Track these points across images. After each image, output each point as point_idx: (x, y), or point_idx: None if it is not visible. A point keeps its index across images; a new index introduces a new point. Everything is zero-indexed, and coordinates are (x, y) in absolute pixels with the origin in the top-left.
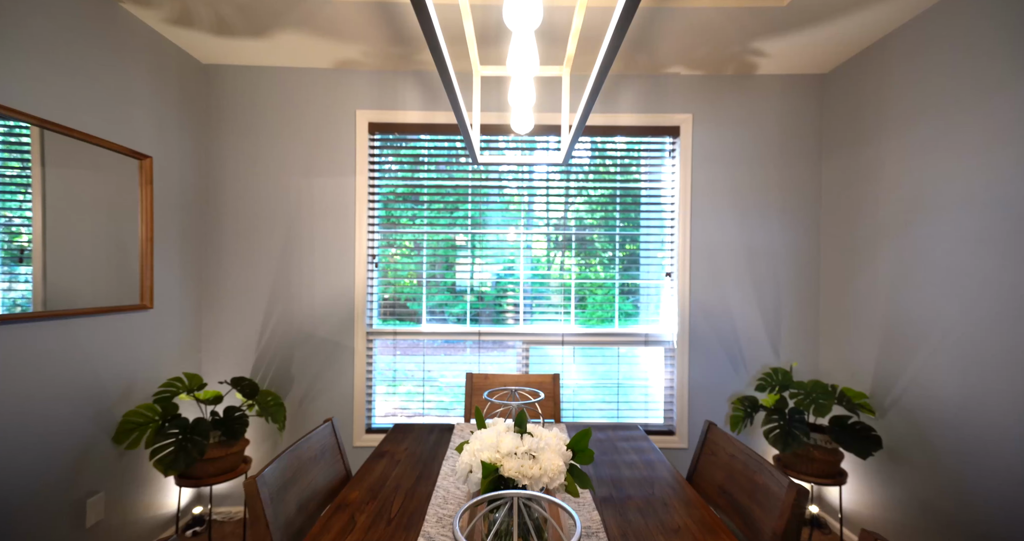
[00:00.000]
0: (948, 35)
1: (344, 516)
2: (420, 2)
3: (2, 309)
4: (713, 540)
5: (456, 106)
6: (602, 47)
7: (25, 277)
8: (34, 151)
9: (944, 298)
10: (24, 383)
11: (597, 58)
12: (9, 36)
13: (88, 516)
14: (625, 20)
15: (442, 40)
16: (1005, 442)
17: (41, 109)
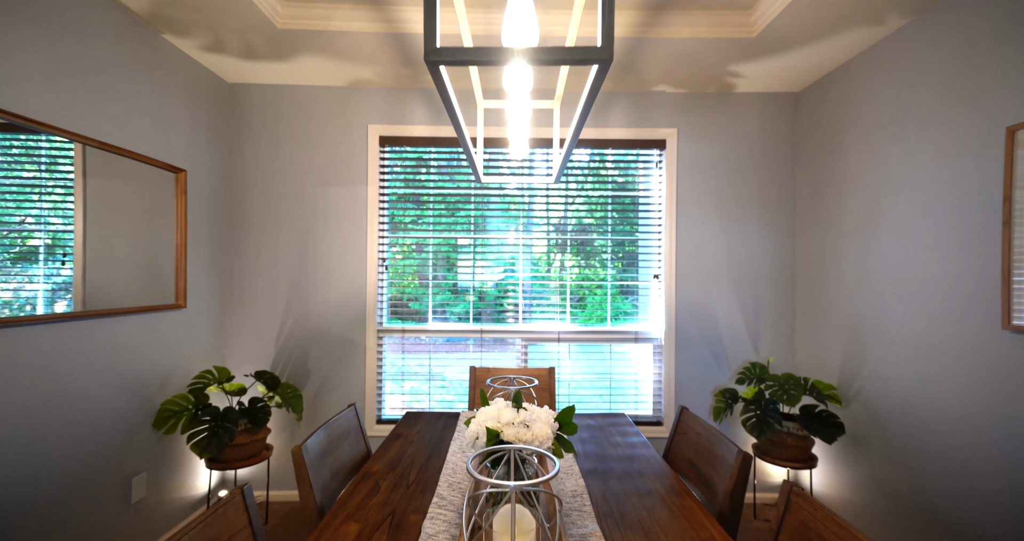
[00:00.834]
0: (898, 64)
1: (369, 482)
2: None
3: (44, 309)
4: (677, 500)
5: (465, 144)
6: (574, 121)
7: (66, 279)
8: (76, 165)
9: (896, 299)
10: (78, 375)
11: (574, 116)
12: (61, 64)
13: (133, 493)
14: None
15: (460, 116)
16: (949, 426)
17: (88, 128)
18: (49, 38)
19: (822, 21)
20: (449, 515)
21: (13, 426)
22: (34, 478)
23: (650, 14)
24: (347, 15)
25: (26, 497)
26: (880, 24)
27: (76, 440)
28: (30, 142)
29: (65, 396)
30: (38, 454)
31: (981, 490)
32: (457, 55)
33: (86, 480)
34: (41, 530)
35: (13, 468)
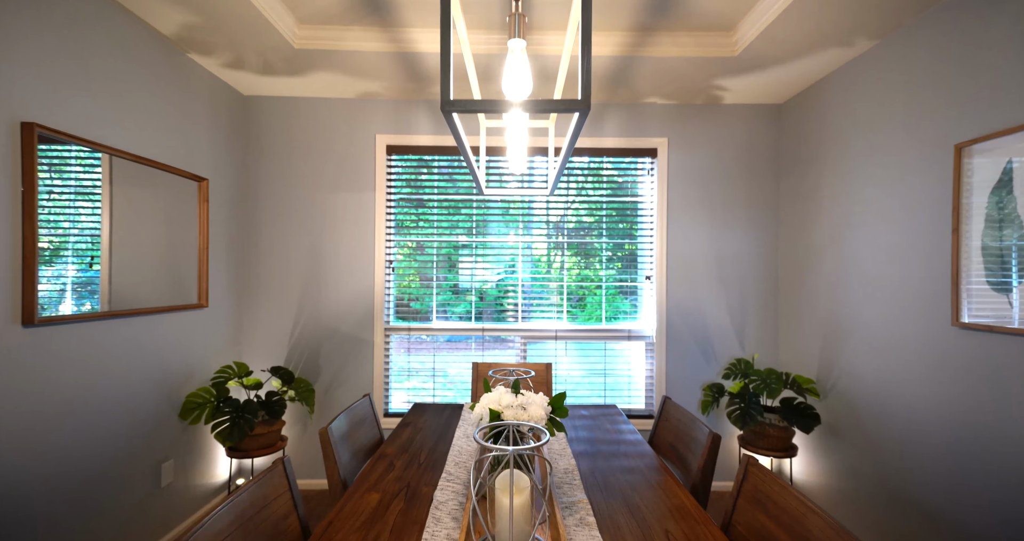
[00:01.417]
0: (865, 83)
1: (385, 462)
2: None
3: (72, 308)
4: (656, 476)
5: (469, 163)
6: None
7: (93, 279)
8: (104, 174)
9: (866, 299)
10: (114, 369)
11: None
12: (98, 83)
13: (163, 478)
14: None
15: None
16: (907, 414)
17: (121, 142)
18: (88, 61)
19: (797, 42)
20: (456, 487)
21: (62, 414)
22: (79, 461)
23: (639, 35)
24: (359, 36)
25: (72, 478)
26: (850, 46)
27: (113, 428)
28: (67, 153)
29: (104, 388)
30: (83, 439)
31: (933, 469)
32: (467, 106)
33: (122, 464)
34: (85, 508)
35: (61, 452)
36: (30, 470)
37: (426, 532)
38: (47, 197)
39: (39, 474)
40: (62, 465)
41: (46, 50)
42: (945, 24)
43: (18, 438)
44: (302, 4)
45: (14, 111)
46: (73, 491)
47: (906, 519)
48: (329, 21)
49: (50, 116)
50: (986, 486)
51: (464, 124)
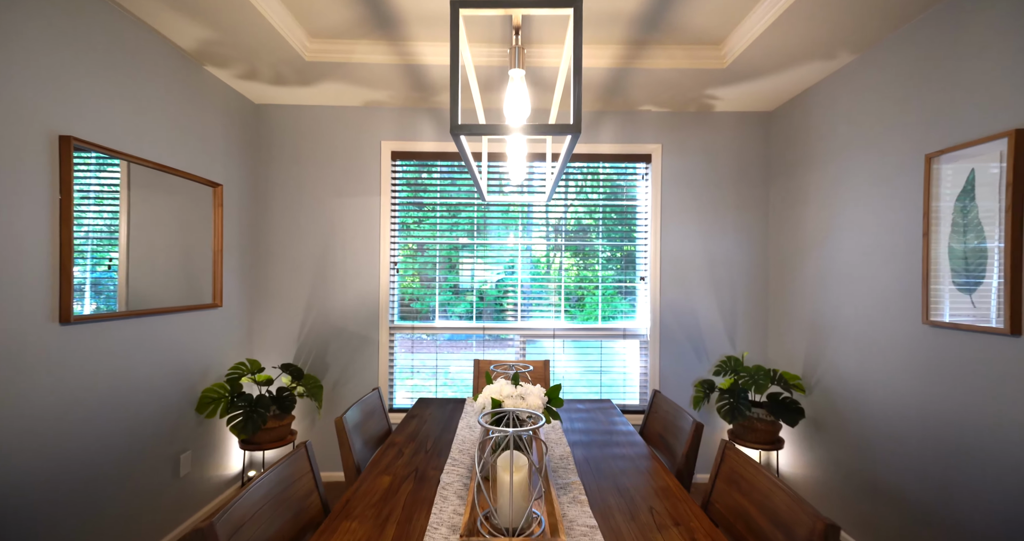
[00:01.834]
0: (847, 94)
1: (394, 450)
2: (464, 154)
3: (91, 309)
4: (645, 462)
5: (473, 175)
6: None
7: (111, 280)
8: (122, 180)
9: (846, 299)
10: (138, 365)
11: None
12: (121, 95)
13: (181, 468)
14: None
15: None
16: (883, 407)
17: (145, 151)
18: (115, 76)
19: (782, 55)
20: (461, 471)
21: (95, 405)
22: (111, 447)
23: (633, 48)
24: (367, 49)
25: (105, 462)
26: (832, 59)
27: (139, 419)
28: (90, 160)
29: (129, 382)
30: (113, 429)
31: (907, 458)
32: (473, 130)
33: (146, 454)
34: (114, 492)
35: (96, 439)
36: (70, 455)
37: (434, 508)
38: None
39: (78, 459)
40: (96, 451)
41: (80, 68)
42: (917, 42)
43: (58, 426)
44: (314, 19)
45: (53, 125)
46: (104, 476)
47: (884, 506)
48: (339, 35)
49: (83, 129)
50: (955, 473)
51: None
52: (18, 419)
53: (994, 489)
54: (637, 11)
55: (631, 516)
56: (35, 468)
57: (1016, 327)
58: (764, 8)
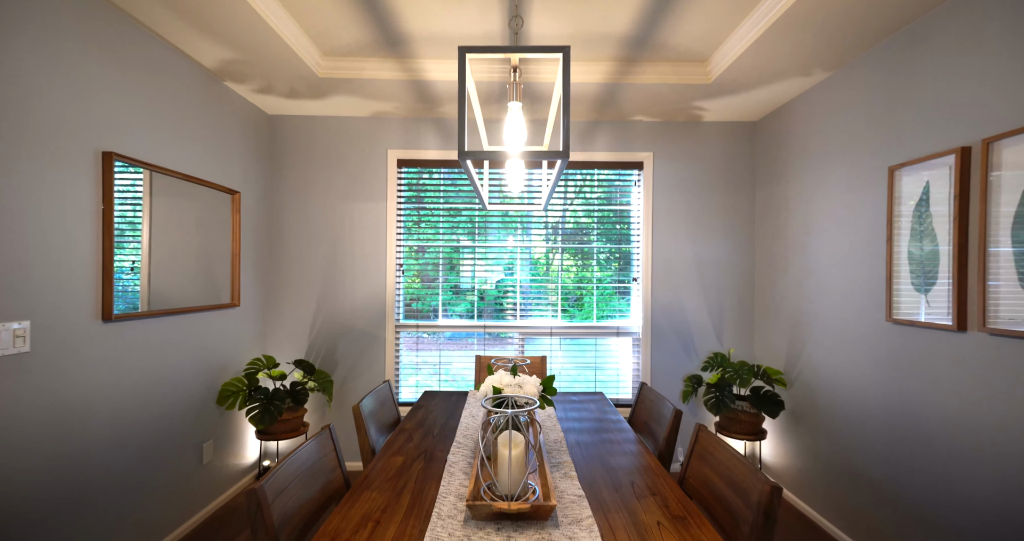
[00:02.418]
0: (821, 108)
1: (404, 435)
2: (470, 175)
3: (123, 307)
4: (630, 445)
5: (476, 187)
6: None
7: (135, 281)
8: (144, 188)
9: (822, 299)
10: (166, 360)
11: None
12: (151, 111)
13: (204, 456)
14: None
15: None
16: (857, 399)
17: (166, 161)
18: (146, 94)
19: (762, 72)
20: (465, 452)
21: (132, 395)
22: (144, 432)
23: (624, 64)
24: (376, 66)
25: (138, 446)
26: (809, 75)
27: (168, 409)
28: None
29: (159, 375)
30: (146, 417)
31: (874, 443)
32: (478, 155)
33: (173, 441)
34: (148, 474)
35: (131, 426)
36: (114, 439)
37: (443, 481)
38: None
39: (119, 442)
40: (133, 436)
41: (118, 89)
42: (882, 63)
43: (103, 413)
44: (327, 40)
45: (98, 142)
46: (140, 458)
47: (855, 488)
48: (350, 53)
49: (121, 144)
50: (915, 455)
51: (469, 141)
52: (72, 406)
53: (948, 468)
54: (627, 32)
55: (614, 488)
56: (88, 448)
57: (962, 324)
58: (743, 30)
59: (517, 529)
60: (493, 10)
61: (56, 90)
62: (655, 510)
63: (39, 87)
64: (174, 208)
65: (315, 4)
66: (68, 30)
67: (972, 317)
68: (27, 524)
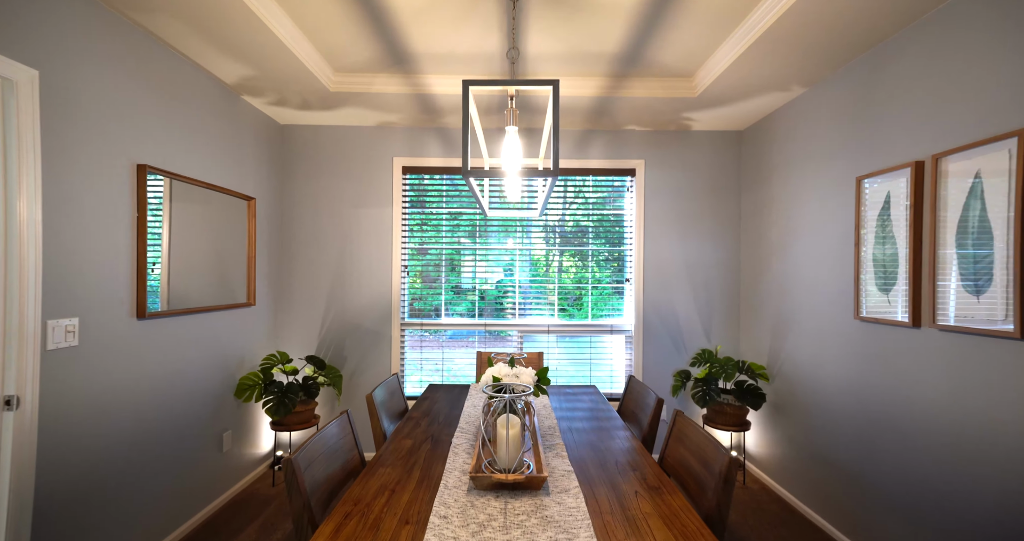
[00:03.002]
0: (799, 121)
1: (412, 422)
2: (473, 192)
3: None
4: (617, 431)
5: (477, 197)
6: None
7: (155, 283)
8: (164, 194)
9: (802, 298)
10: (189, 355)
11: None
12: (176, 125)
13: (224, 444)
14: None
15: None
16: (829, 391)
17: (189, 170)
18: (173, 110)
19: (743, 87)
20: (468, 436)
21: (162, 386)
22: (172, 421)
23: (616, 79)
24: (384, 81)
25: (166, 432)
26: (787, 90)
27: (193, 400)
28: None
29: (185, 368)
30: (174, 406)
31: (844, 431)
32: (480, 174)
33: (197, 429)
34: (175, 460)
35: (159, 416)
36: (144, 425)
37: (448, 459)
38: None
39: (150, 428)
40: (162, 424)
41: (149, 105)
42: (851, 80)
43: (138, 402)
44: (339, 58)
45: (133, 156)
46: (167, 444)
47: (828, 473)
48: (360, 70)
49: (152, 157)
50: (879, 441)
51: (471, 149)
52: (115, 394)
53: (909, 451)
54: (617, 50)
55: (600, 465)
56: (128, 433)
57: (916, 320)
58: (725, 49)
59: (513, 496)
60: (492, 31)
61: (103, 110)
62: (634, 482)
63: (90, 109)
64: (194, 213)
65: (328, 26)
66: (115, 59)
67: (925, 315)
68: (76, 497)
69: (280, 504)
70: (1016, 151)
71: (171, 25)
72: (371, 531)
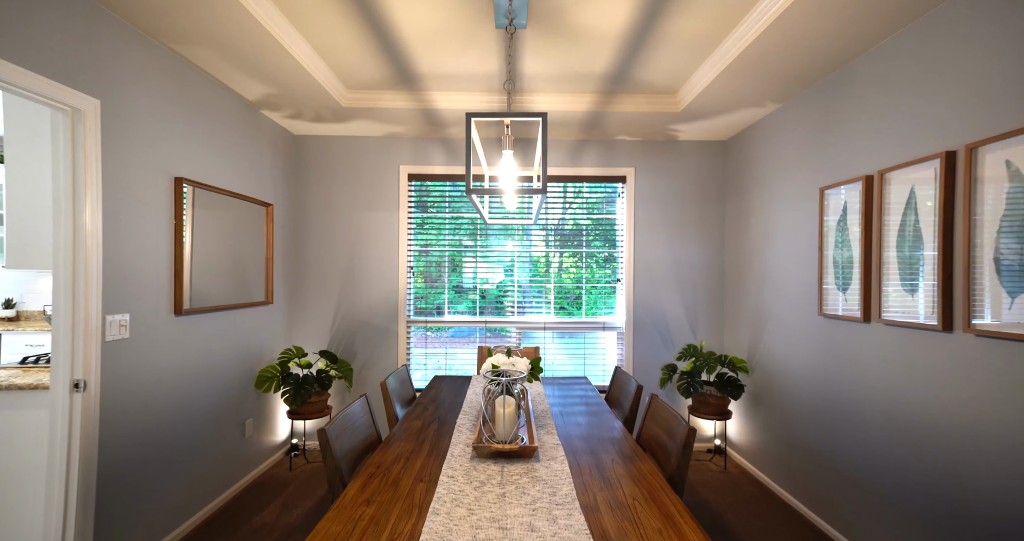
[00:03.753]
0: (773, 134)
1: (420, 407)
2: (476, 206)
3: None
4: (603, 414)
5: (478, 209)
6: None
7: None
8: (188, 201)
9: (776, 296)
10: (215, 348)
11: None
12: (204, 140)
13: (246, 431)
14: (539, 209)
15: (479, 205)
16: (797, 381)
17: (215, 180)
18: (201, 126)
19: (722, 103)
20: (470, 418)
21: (196, 376)
22: (203, 409)
23: (606, 96)
24: (392, 97)
25: (196, 419)
26: (762, 106)
27: (220, 389)
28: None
29: (213, 360)
30: (204, 395)
31: (809, 417)
32: (481, 192)
33: (224, 415)
34: (204, 442)
35: (191, 403)
36: (181, 412)
37: (453, 436)
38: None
39: (185, 415)
40: (194, 411)
41: (183, 123)
42: (815, 100)
43: (176, 389)
44: (351, 77)
45: (171, 169)
46: (198, 428)
47: (796, 454)
48: (370, 87)
49: (186, 169)
50: (838, 424)
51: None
52: (159, 382)
53: (859, 429)
54: (606, 71)
55: (584, 441)
56: (168, 417)
57: (867, 316)
58: (703, 70)
59: (509, 462)
60: (492, 55)
61: (148, 130)
62: (612, 453)
63: (138, 130)
64: (216, 219)
65: (343, 50)
66: (159, 85)
67: (874, 311)
68: (130, 465)
69: (298, 486)
70: (940, 170)
71: (207, 54)
72: (392, 487)
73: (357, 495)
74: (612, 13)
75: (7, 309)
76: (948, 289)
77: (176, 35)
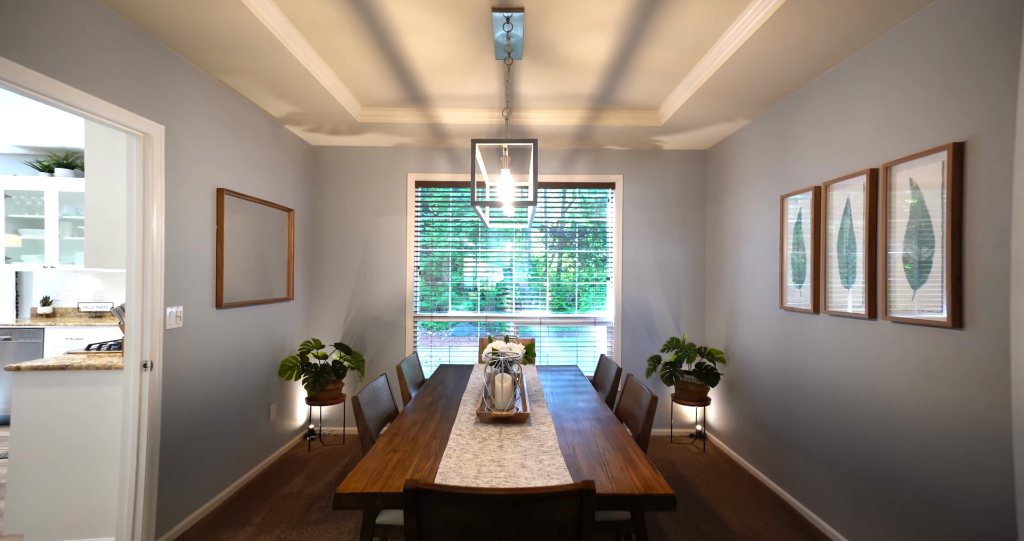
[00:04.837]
0: (743, 146)
1: (430, 388)
2: (480, 216)
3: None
4: (590, 395)
5: (480, 215)
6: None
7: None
8: (218, 207)
9: (746, 292)
10: (248, 338)
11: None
12: (239, 153)
13: (271, 414)
14: (532, 218)
15: (483, 214)
16: (763, 368)
17: (246, 188)
18: (236, 141)
19: (699, 119)
20: (473, 395)
21: (233, 363)
22: (234, 393)
23: (593, 112)
24: (403, 113)
25: (232, 401)
26: (734, 122)
27: (251, 376)
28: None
29: (245, 350)
30: (239, 380)
31: (772, 399)
32: (484, 204)
33: (251, 401)
34: (238, 422)
35: (229, 388)
36: (222, 394)
37: (459, 409)
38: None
39: (223, 398)
40: (231, 393)
41: (223, 140)
42: (777, 118)
43: (218, 372)
44: (367, 96)
45: (215, 182)
46: (236, 409)
47: (761, 433)
48: (383, 105)
49: (225, 181)
50: (795, 404)
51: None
52: (203, 365)
53: (810, 406)
54: (593, 92)
55: (569, 411)
56: (211, 399)
57: (816, 308)
58: (678, 92)
59: (506, 426)
60: (492, 80)
61: (199, 149)
62: (592, 420)
63: (192, 149)
64: (244, 223)
65: (363, 76)
66: (208, 109)
67: (822, 304)
68: (185, 435)
69: (318, 464)
70: (866, 184)
71: (247, 82)
72: (412, 442)
73: (385, 446)
74: (595, 48)
75: (45, 306)
76: (872, 284)
77: (224, 68)
